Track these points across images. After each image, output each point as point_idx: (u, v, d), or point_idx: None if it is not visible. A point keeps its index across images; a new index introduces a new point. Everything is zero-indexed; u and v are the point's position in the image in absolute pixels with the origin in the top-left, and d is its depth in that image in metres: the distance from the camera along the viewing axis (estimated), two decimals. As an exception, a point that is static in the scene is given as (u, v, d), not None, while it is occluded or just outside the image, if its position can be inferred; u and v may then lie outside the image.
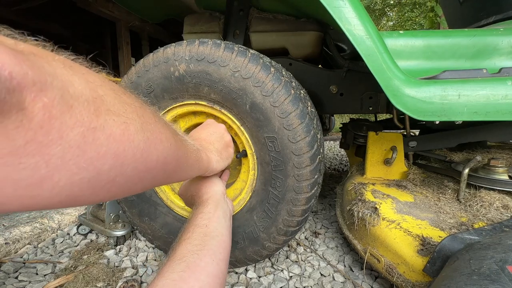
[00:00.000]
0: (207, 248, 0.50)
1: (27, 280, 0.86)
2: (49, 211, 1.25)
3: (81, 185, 0.23)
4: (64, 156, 0.20)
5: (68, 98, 0.20)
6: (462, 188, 0.86)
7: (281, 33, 1.03)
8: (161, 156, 0.34)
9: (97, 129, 0.23)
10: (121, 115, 0.27)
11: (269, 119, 0.67)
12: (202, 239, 0.52)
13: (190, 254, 0.48)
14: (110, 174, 0.26)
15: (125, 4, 1.09)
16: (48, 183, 0.20)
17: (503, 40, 0.86)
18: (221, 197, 0.66)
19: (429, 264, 0.62)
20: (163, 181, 0.40)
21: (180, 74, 0.71)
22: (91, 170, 0.23)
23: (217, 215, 0.60)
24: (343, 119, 5.31)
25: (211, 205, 0.62)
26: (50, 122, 0.19)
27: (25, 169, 0.18)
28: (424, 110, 0.69)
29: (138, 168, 0.30)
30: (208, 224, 0.56)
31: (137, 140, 0.29)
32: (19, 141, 0.17)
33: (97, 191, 0.26)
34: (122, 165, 0.27)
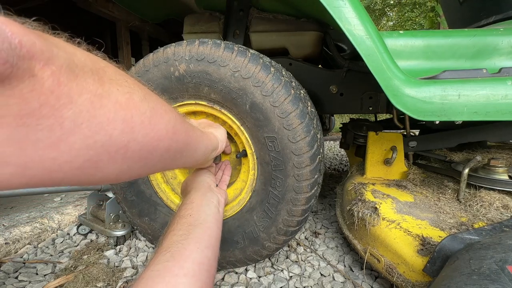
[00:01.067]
0: (191, 237, 0.51)
1: (27, 280, 0.86)
2: (49, 211, 1.25)
3: (96, 148, 0.25)
4: (76, 119, 0.22)
5: (74, 67, 0.22)
6: (462, 188, 0.86)
7: (281, 33, 1.03)
8: (169, 126, 0.36)
9: (103, 96, 0.25)
10: (123, 85, 0.28)
11: (269, 119, 0.67)
12: (187, 228, 0.52)
13: (174, 244, 0.48)
14: (122, 139, 0.27)
15: (125, 4, 1.09)
16: (64, 145, 0.22)
17: (503, 40, 0.86)
18: (205, 186, 0.66)
19: (429, 264, 0.62)
20: (177, 155, 0.41)
21: (180, 74, 0.71)
22: (103, 134, 0.25)
23: (201, 204, 0.60)
24: (343, 119, 5.30)
25: (194, 195, 0.62)
26: (59, 88, 0.21)
27: (42, 130, 0.20)
28: (424, 110, 0.69)
29: (149, 135, 0.31)
30: (192, 214, 0.56)
31: (142, 108, 0.31)
32: (34, 104, 0.19)
33: (113, 155, 0.27)
34: (132, 130, 0.29)
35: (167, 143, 0.36)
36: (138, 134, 0.30)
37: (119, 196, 0.87)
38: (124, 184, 0.84)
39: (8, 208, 1.35)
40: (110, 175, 0.29)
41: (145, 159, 0.32)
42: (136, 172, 0.33)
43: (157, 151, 0.34)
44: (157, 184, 0.84)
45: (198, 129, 0.51)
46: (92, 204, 1.14)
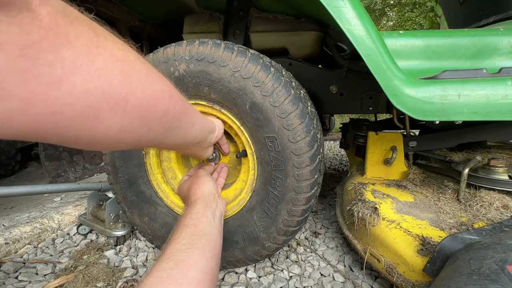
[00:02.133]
0: (196, 247, 0.51)
1: (27, 280, 0.86)
2: (49, 211, 1.25)
3: (97, 95, 0.26)
4: (75, 60, 0.23)
5: (69, 14, 0.24)
6: (462, 188, 0.86)
7: (281, 33, 1.03)
8: (165, 89, 0.37)
9: (99, 46, 0.26)
10: (117, 42, 0.29)
11: (269, 119, 0.67)
12: (191, 238, 0.53)
13: (178, 253, 0.48)
14: (122, 91, 0.28)
15: (125, 4, 1.09)
16: (65, 84, 0.23)
17: (503, 40, 0.85)
18: (210, 197, 0.67)
19: (429, 264, 0.62)
20: (175, 122, 0.41)
21: (180, 74, 0.71)
22: (103, 81, 0.26)
23: (206, 215, 0.61)
24: (343, 119, 5.30)
25: (199, 205, 0.63)
26: (57, 27, 0.22)
27: (43, 64, 0.21)
28: (424, 110, 0.69)
29: (146, 92, 0.32)
30: (197, 224, 0.57)
31: (138, 66, 0.31)
32: (35, 36, 0.20)
33: (113, 106, 0.28)
34: (130, 84, 0.29)
35: (165, 105, 0.36)
36: (136, 89, 0.30)
37: (119, 196, 0.87)
38: (124, 184, 0.84)
39: (8, 208, 1.36)
40: (111, 130, 0.29)
41: (144, 117, 0.33)
42: (136, 132, 0.33)
43: (156, 111, 0.35)
44: (157, 184, 0.84)
45: (194, 108, 0.51)
46: (92, 204, 1.14)
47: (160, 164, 0.86)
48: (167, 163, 0.87)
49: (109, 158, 0.83)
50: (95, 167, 2.08)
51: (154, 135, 0.38)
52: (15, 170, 2.22)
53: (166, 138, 0.42)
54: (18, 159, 2.17)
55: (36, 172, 2.29)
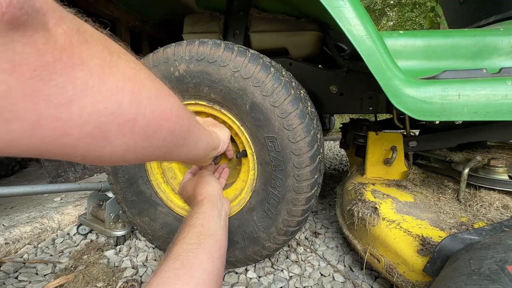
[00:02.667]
0: (203, 247, 0.51)
1: (27, 280, 0.86)
2: (49, 211, 1.25)
3: (107, 116, 0.26)
4: (87, 81, 0.23)
5: (83, 33, 0.23)
6: (462, 188, 0.86)
7: (281, 33, 1.03)
8: (173, 108, 0.37)
9: (112, 65, 0.26)
10: (129, 60, 0.29)
11: (269, 119, 0.67)
12: (198, 237, 0.53)
13: (185, 253, 0.49)
14: (131, 111, 0.28)
15: (125, 4, 1.09)
16: (76, 106, 0.23)
17: (503, 40, 0.85)
18: (216, 197, 0.67)
19: (429, 264, 0.62)
20: (180, 140, 0.41)
21: (180, 74, 0.71)
22: (113, 101, 0.26)
23: (212, 215, 0.61)
24: (343, 119, 5.30)
25: (206, 205, 0.63)
26: (71, 47, 0.21)
27: (55, 86, 0.21)
28: (424, 110, 0.69)
29: (155, 111, 0.32)
30: (204, 224, 0.57)
31: (148, 85, 0.31)
32: (49, 57, 0.20)
33: (121, 127, 0.28)
34: (140, 104, 0.29)
35: (172, 124, 0.36)
36: (145, 109, 0.30)
37: (119, 196, 0.87)
38: (124, 184, 0.84)
39: (8, 208, 1.35)
40: (117, 150, 0.29)
41: (151, 138, 0.33)
42: (141, 152, 0.33)
43: (162, 131, 0.35)
44: (157, 184, 0.84)
45: (200, 124, 0.51)
46: (92, 204, 1.14)
47: (160, 164, 0.86)
48: (167, 163, 0.87)
49: (109, 158, 0.83)
50: (95, 167, 2.07)
51: (158, 154, 0.38)
52: (15, 170, 2.21)
53: (168, 155, 0.42)
54: (18, 159, 2.17)
55: (36, 172, 2.29)
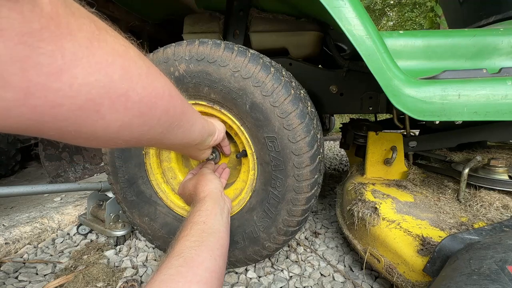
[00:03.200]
0: (205, 244, 0.51)
1: (27, 280, 0.86)
2: (49, 211, 1.25)
3: (98, 89, 0.25)
4: (76, 52, 0.23)
5: (70, 5, 0.23)
6: (462, 188, 0.86)
7: (281, 33, 1.03)
8: (166, 87, 0.36)
9: (100, 39, 0.26)
10: (119, 38, 0.29)
11: (269, 119, 0.67)
12: (200, 235, 0.53)
13: (188, 250, 0.49)
14: (122, 85, 0.28)
15: (125, 4, 1.09)
16: (66, 76, 0.23)
17: (503, 40, 0.85)
18: (218, 194, 0.68)
19: (429, 264, 0.62)
20: (175, 121, 0.41)
21: (180, 74, 0.71)
22: (104, 74, 0.26)
23: (215, 212, 0.61)
24: (343, 119, 5.30)
25: (208, 203, 0.63)
26: (58, 17, 0.21)
27: (44, 54, 0.21)
28: (424, 110, 0.69)
29: (147, 89, 0.32)
30: (206, 221, 0.57)
31: (139, 63, 0.31)
32: (35, 25, 0.20)
33: (114, 101, 0.28)
34: (131, 79, 0.29)
35: (165, 103, 0.36)
36: (136, 85, 0.30)
37: (119, 196, 0.87)
38: (124, 184, 0.84)
39: (8, 208, 1.36)
40: (111, 126, 0.29)
41: (145, 115, 0.33)
42: (136, 130, 0.33)
43: (156, 109, 0.35)
44: (157, 184, 0.84)
45: (194, 108, 0.51)
46: (92, 204, 1.14)
47: (160, 164, 0.86)
48: (167, 163, 0.87)
49: (109, 158, 0.83)
50: (95, 167, 2.08)
51: (154, 133, 0.38)
52: (15, 170, 2.21)
53: (165, 138, 0.42)
54: (18, 159, 2.17)
55: (36, 172, 2.29)
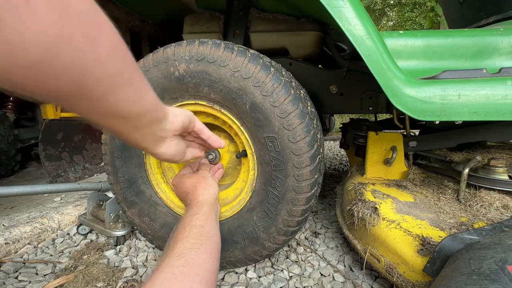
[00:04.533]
0: (204, 247, 0.54)
1: (27, 280, 0.86)
2: (49, 211, 1.25)
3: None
4: None
5: None
6: (462, 188, 0.86)
7: (281, 33, 1.03)
8: (110, 36, 0.30)
9: None
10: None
11: (269, 119, 0.67)
12: (199, 238, 0.56)
13: (188, 251, 0.51)
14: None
15: (125, 4, 1.09)
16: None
17: (503, 40, 0.85)
18: (215, 200, 0.71)
19: (429, 264, 0.62)
20: (124, 68, 0.34)
21: (180, 74, 0.71)
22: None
23: (211, 218, 0.64)
24: (343, 119, 5.30)
25: (206, 207, 0.66)
26: None
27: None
28: (424, 110, 0.69)
29: (91, 22, 0.27)
30: (204, 225, 0.60)
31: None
32: None
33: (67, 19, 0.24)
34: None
35: (115, 37, 0.31)
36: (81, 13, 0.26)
37: (119, 196, 0.87)
38: (124, 184, 0.84)
39: (8, 208, 1.36)
40: (46, 28, 0.24)
41: (90, 33, 0.28)
42: (75, 56, 0.27)
43: (105, 34, 0.30)
44: (157, 184, 0.84)
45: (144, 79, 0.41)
46: (92, 204, 1.14)
47: (160, 164, 0.86)
48: (167, 163, 0.87)
49: (109, 158, 0.83)
50: (95, 167, 2.08)
51: (99, 79, 0.30)
52: (15, 170, 2.21)
53: (113, 96, 0.34)
54: (18, 159, 2.17)
55: (36, 172, 2.29)
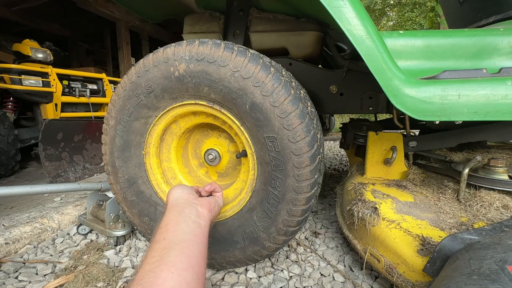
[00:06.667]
0: (164, 262, 0.47)
1: (27, 280, 0.86)
2: (49, 211, 1.25)
3: None
4: None
5: None
6: (462, 188, 0.86)
7: (281, 33, 1.03)
8: None
9: None
10: None
11: (269, 119, 0.67)
12: (160, 253, 0.48)
13: (146, 275, 0.45)
14: None
15: (125, 4, 1.09)
16: None
17: (503, 40, 0.85)
18: (182, 202, 0.62)
19: (429, 264, 0.62)
20: None
21: (180, 74, 0.71)
22: None
23: (176, 223, 0.56)
24: (343, 119, 5.30)
25: (169, 215, 0.58)
26: None
27: None
28: (424, 110, 0.69)
29: None
30: (167, 237, 0.52)
31: None
32: None
33: None
34: None
35: None
36: None
37: (119, 196, 0.87)
38: (124, 184, 0.84)
39: (8, 208, 1.36)
40: None
41: None
42: None
43: None
44: (157, 184, 0.84)
45: None
46: (92, 204, 1.14)
47: (160, 164, 0.86)
48: (167, 163, 0.87)
49: (109, 158, 0.83)
50: (95, 167, 2.08)
51: None
52: (15, 170, 2.22)
53: None
54: (18, 159, 2.17)
55: (36, 172, 2.29)
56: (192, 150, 0.94)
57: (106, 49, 5.59)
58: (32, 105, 2.47)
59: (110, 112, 0.80)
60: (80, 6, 3.64)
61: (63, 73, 2.58)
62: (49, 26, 4.86)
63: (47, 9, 4.13)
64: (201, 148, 0.93)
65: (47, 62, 2.54)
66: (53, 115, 2.46)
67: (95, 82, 2.91)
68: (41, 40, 2.75)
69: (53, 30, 5.01)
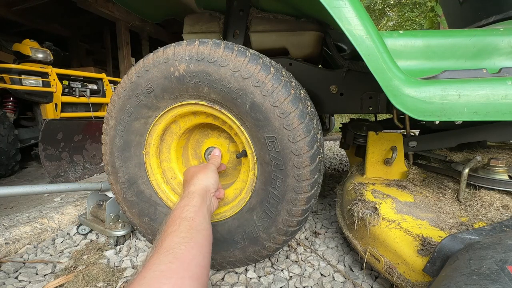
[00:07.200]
0: (194, 241, 0.51)
1: (27, 280, 0.86)
2: (49, 211, 1.25)
3: None
4: None
5: None
6: (462, 188, 0.86)
7: (281, 33, 1.03)
8: None
9: None
10: None
11: (269, 119, 0.67)
12: (189, 231, 0.53)
13: (177, 246, 0.49)
14: None
15: (125, 4, 1.09)
16: None
17: (503, 40, 0.85)
18: (207, 193, 0.67)
19: (429, 264, 0.62)
20: None
21: (180, 74, 0.70)
22: None
23: (202, 210, 0.61)
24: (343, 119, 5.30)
25: (197, 199, 0.62)
26: None
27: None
28: (424, 110, 0.69)
29: None
30: (194, 218, 0.57)
31: None
32: None
33: None
34: None
35: None
36: None
37: (119, 196, 0.87)
38: (124, 184, 0.84)
39: (8, 208, 1.36)
40: None
41: None
42: None
43: None
44: (157, 184, 0.84)
45: None
46: (92, 204, 1.14)
47: (160, 164, 0.86)
48: (167, 163, 0.87)
49: (109, 158, 0.83)
50: (95, 167, 2.08)
51: None
52: (15, 170, 2.22)
53: None
54: (18, 159, 2.17)
55: (36, 172, 2.29)
56: (192, 150, 0.94)
57: (106, 49, 5.59)
58: (32, 105, 2.47)
59: (110, 112, 0.80)
60: (80, 6, 3.64)
61: (63, 73, 2.58)
62: (49, 26, 4.87)
63: (47, 9, 4.13)
64: (201, 148, 0.93)
65: (47, 62, 2.54)
66: (53, 115, 2.46)
67: (95, 82, 2.91)
68: (41, 40, 2.75)
69: (53, 30, 5.01)
